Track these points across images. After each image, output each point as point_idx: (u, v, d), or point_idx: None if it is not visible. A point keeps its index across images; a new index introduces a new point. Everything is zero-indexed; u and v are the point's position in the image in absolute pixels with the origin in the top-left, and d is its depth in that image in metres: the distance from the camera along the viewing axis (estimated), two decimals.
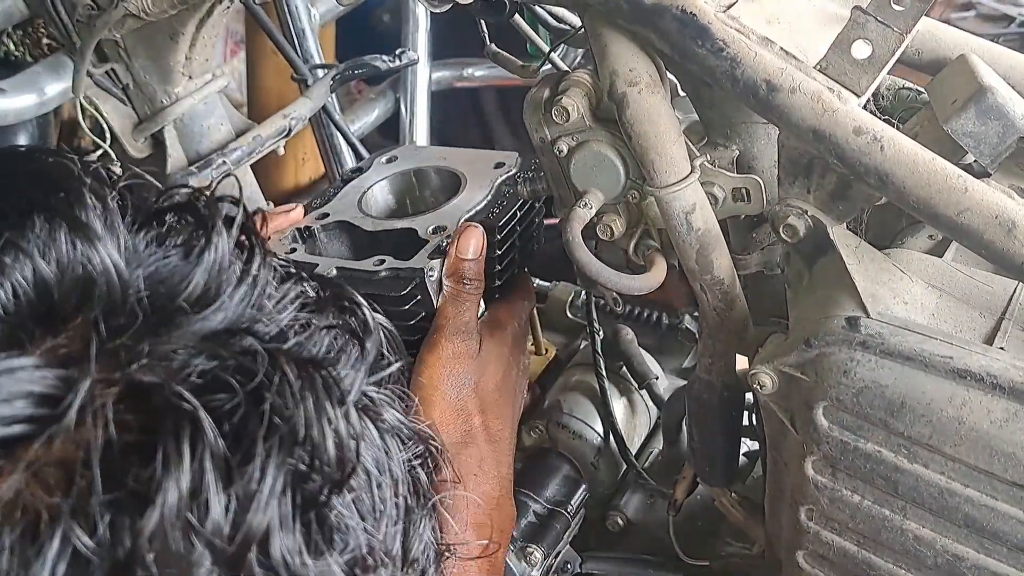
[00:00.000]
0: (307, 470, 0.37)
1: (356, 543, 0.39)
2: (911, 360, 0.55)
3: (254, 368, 0.37)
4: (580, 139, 0.69)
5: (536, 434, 0.93)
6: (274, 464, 0.35)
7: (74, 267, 0.37)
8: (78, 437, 0.33)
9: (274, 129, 1.18)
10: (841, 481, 0.60)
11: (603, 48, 0.64)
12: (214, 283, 0.39)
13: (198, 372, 0.36)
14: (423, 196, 0.93)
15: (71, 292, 0.37)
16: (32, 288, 0.36)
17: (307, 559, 0.36)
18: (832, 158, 0.58)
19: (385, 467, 0.41)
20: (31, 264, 0.36)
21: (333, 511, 0.38)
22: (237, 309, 0.39)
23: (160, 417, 0.34)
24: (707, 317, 0.69)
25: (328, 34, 1.91)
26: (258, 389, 0.36)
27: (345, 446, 0.38)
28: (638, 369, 0.97)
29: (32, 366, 0.34)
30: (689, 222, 0.65)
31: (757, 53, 0.58)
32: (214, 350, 0.37)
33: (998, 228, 0.55)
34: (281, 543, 0.35)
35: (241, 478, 0.34)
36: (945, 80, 0.63)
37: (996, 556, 0.56)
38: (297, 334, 0.41)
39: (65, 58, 1.13)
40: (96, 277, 0.37)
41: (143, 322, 0.37)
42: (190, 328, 0.37)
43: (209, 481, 0.34)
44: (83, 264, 0.37)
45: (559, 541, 0.86)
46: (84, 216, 0.38)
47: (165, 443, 0.33)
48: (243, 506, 0.34)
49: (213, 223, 0.40)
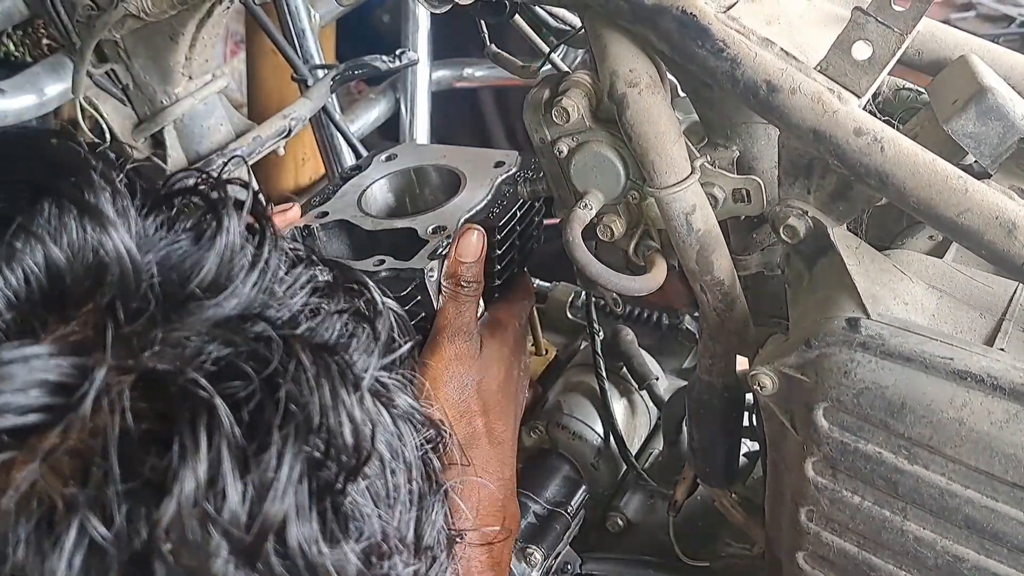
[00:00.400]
0: (323, 457, 0.36)
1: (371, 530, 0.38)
2: (911, 361, 0.55)
3: (268, 355, 0.36)
4: (580, 140, 0.69)
5: (536, 435, 0.93)
6: (291, 452, 0.35)
7: (86, 252, 0.36)
8: (94, 426, 0.33)
9: (274, 130, 1.18)
10: (841, 482, 0.60)
11: (603, 49, 0.64)
12: (226, 268, 0.39)
13: (212, 359, 0.35)
14: (423, 195, 0.93)
15: (83, 278, 0.36)
16: (44, 273, 0.35)
17: (323, 547, 0.36)
18: (832, 159, 0.58)
19: (399, 453, 0.41)
20: (42, 249, 0.35)
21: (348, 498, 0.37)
22: (249, 295, 0.39)
23: (175, 405, 0.34)
24: (707, 318, 0.69)
25: (328, 34, 1.91)
26: (273, 376, 0.36)
27: (360, 433, 0.38)
28: (638, 370, 0.97)
29: (46, 354, 0.33)
30: (689, 223, 0.65)
31: (757, 54, 0.58)
32: (228, 337, 0.36)
33: (998, 229, 0.54)
34: (298, 532, 0.35)
35: (257, 467, 0.34)
36: (945, 81, 0.63)
37: (997, 557, 0.56)
38: (308, 319, 0.41)
39: (65, 58, 1.13)
40: (108, 262, 0.36)
41: (155, 308, 0.36)
42: (203, 315, 0.37)
43: (226, 470, 0.33)
44: (95, 249, 0.36)
45: (559, 542, 0.86)
46: (94, 200, 0.37)
47: (181, 432, 0.33)
48: (260, 495, 0.34)
49: (223, 205, 0.40)
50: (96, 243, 0.36)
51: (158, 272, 0.38)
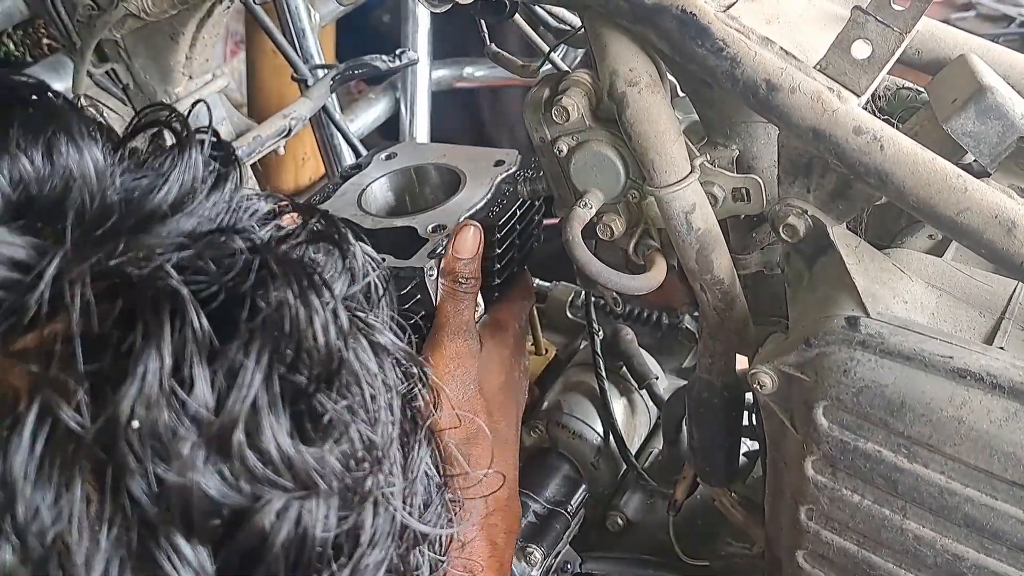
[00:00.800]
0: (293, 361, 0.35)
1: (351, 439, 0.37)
2: (911, 360, 0.55)
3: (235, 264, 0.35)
4: (580, 139, 0.69)
5: (536, 434, 0.93)
6: (257, 343, 0.34)
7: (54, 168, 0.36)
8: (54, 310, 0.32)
9: (274, 129, 1.17)
10: (841, 481, 0.60)
11: (603, 48, 0.64)
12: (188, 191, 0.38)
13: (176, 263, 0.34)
14: (423, 193, 0.93)
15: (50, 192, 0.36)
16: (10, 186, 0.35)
17: (300, 445, 0.35)
18: (832, 158, 0.58)
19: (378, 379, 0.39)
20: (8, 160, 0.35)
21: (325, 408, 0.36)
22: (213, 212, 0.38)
23: (139, 295, 0.33)
24: (707, 317, 0.69)
25: (328, 34, 1.91)
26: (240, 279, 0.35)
27: (332, 341, 0.37)
28: (638, 369, 0.97)
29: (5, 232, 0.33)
30: (689, 222, 0.65)
31: (757, 53, 0.58)
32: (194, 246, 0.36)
33: (998, 228, 0.54)
34: (271, 426, 0.34)
35: (224, 355, 0.33)
36: (945, 80, 0.63)
37: (996, 556, 0.56)
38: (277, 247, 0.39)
39: (65, 58, 1.13)
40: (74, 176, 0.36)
41: (119, 220, 0.36)
42: (166, 228, 0.36)
43: (191, 354, 0.32)
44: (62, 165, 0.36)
45: (559, 541, 0.86)
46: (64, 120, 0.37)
47: (144, 316, 0.32)
48: (228, 384, 0.33)
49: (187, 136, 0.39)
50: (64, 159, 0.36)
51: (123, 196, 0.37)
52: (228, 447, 0.33)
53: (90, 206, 0.36)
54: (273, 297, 0.35)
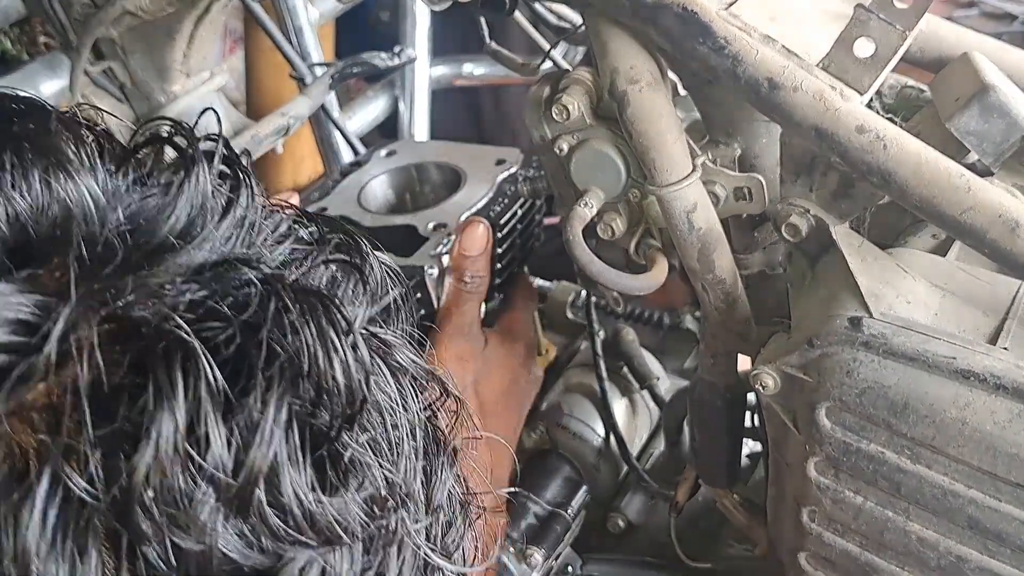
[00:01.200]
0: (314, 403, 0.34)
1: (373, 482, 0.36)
2: (914, 360, 0.55)
3: (249, 298, 0.34)
4: (580, 137, 0.69)
5: (536, 435, 0.93)
6: (276, 393, 0.32)
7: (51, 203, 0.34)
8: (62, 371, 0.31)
9: (272, 128, 1.17)
10: (844, 482, 0.60)
11: (604, 46, 0.63)
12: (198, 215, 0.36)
13: (187, 304, 0.33)
14: (423, 191, 0.93)
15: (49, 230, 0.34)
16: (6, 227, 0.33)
17: (321, 496, 0.33)
18: (834, 156, 0.58)
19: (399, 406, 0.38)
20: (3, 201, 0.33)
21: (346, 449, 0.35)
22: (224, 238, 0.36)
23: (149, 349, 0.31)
24: (709, 317, 0.69)
25: (327, 32, 1.90)
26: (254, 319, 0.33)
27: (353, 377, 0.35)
28: (639, 369, 0.97)
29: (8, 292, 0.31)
30: (690, 221, 0.64)
31: (759, 51, 0.58)
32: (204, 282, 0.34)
33: (1002, 227, 0.54)
34: (291, 480, 0.32)
35: (241, 410, 0.32)
36: (948, 78, 0.63)
37: (1000, 558, 0.56)
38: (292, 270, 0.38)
39: (62, 56, 1.12)
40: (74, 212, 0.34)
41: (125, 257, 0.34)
42: (175, 260, 0.34)
43: (206, 412, 0.31)
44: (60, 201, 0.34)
45: (559, 543, 0.86)
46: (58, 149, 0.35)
47: (156, 373, 0.31)
48: (245, 440, 0.31)
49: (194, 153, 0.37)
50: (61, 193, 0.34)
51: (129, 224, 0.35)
52: (248, 507, 0.32)
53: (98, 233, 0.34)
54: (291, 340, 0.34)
